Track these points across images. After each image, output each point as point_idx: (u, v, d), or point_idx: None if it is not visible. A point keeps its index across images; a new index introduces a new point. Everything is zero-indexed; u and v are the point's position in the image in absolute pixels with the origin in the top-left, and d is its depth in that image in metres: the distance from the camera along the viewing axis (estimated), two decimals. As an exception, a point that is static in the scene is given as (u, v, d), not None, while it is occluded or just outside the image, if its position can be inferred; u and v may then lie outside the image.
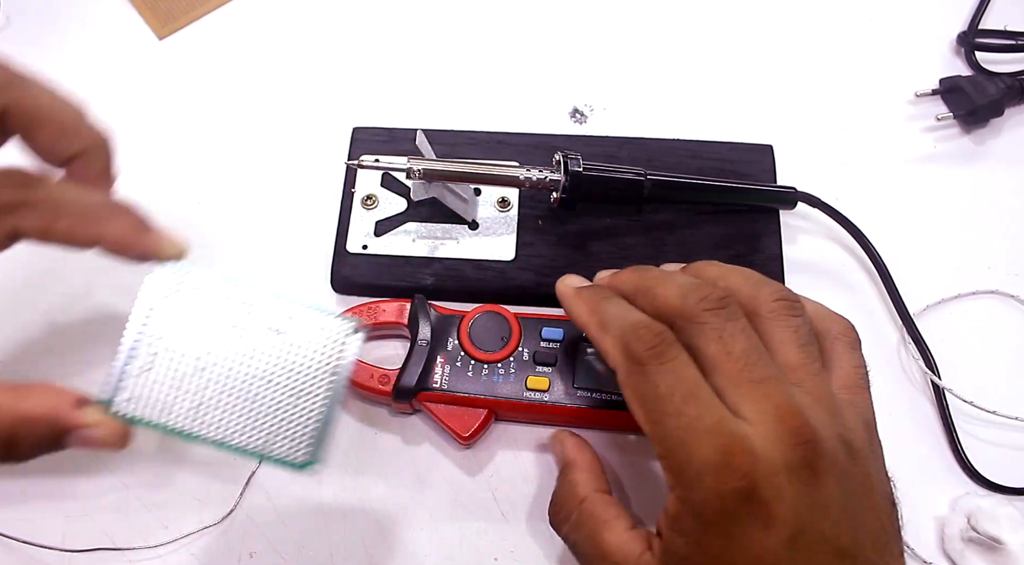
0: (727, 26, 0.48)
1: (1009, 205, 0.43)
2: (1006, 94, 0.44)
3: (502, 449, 0.37)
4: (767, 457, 0.26)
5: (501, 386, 0.36)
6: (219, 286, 0.29)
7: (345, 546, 0.36)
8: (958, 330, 0.40)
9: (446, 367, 0.36)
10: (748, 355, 0.28)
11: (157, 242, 0.29)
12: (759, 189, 0.41)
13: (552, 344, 0.37)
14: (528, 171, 0.38)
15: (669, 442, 0.27)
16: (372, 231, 0.40)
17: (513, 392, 0.36)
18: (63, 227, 0.27)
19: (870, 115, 0.46)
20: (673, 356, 0.28)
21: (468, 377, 0.36)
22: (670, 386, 0.27)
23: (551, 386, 0.36)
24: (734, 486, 0.26)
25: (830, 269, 0.42)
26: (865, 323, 0.40)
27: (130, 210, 0.29)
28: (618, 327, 0.29)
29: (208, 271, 0.29)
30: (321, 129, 0.44)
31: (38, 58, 0.47)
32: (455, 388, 0.36)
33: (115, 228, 0.28)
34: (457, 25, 0.48)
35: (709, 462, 0.26)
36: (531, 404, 0.36)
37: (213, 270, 0.29)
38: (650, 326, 0.28)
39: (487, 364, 0.36)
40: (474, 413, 0.36)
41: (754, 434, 0.26)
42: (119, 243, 0.28)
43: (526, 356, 0.37)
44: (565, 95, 0.46)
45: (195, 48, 0.47)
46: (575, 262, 0.40)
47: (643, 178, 0.38)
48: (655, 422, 0.27)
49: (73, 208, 0.27)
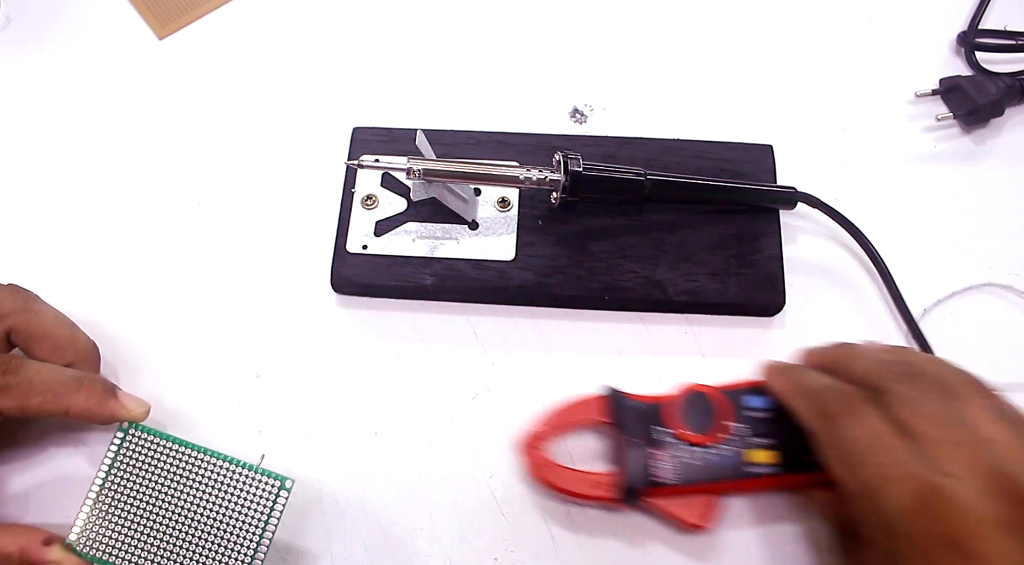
0: (727, 26, 0.48)
1: (1009, 205, 0.43)
2: (1006, 94, 0.44)
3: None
4: (975, 508, 0.26)
5: (723, 466, 0.35)
6: (170, 446, 0.34)
7: (345, 546, 0.36)
8: (958, 329, 0.40)
9: (666, 458, 0.35)
10: (948, 419, 0.28)
11: (118, 409, 0.34)
12: (759, 189, 0.41)
13: (759, 412, 0.36)
14: (528, 171, 0.38)
15: (863, 490, 0.28)
16: (372, 231, 0.40)
17: (735, 469, 0.35)
18: (35, 405, 0.32)
19: (870, 115, 0.46)
20: (865, 411, 0.29)
21: (689, 464, 0.35)
22: (863, 436, 0.29)
23: (776, 458, 0.35)
24: (935, 531, 0.25)
25: (831, 269, 0.42)
26: (866, 323, 0.40)
27: (95, 382, 0.34)
28: (812, 389, 0.32)
29: (161, 433, 0.34)
30: (321, 129, 0.44)
31: (38, 58, 0.48)
32: (681, 478, 0.34)
33: (81, 400, 0.33)
34: (457, 25, 0.48)
35: (905, 508, 0.26)
36: (758, 479, 0.35)
37: (166, 433, 0.34)
38: (841, 386, 0.31)
39: (703, 447, 0.35)
40: (704, 500, 0.35)
41: (957, 485, 0.26)
42: (84, 413, 0.33)
43: (742, 431, 0.35)
44: (565, 95, 0.46)
45: (195, 48, 0.47)
46: (575, 262, 0.40)
47: (643, 178, 0.38)
48: (849, 472, 0.28)
49: (45, 387, 0.32)
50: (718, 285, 0.40)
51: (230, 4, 0.48)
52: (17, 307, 0.34)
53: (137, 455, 0.34)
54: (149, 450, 0.34)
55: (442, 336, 0.40)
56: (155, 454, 0.34)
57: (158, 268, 0.42)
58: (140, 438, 0.34)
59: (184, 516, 0.33)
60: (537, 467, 0.36)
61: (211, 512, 0.33)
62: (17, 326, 0.34)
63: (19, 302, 0.35)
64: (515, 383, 0.39)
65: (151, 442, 0.34)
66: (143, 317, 0.40)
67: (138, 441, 0.34)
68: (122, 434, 0.34)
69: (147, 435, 0.34)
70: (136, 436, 0.34)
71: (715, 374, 0.39)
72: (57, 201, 0.43)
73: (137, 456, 0.34)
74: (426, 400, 0.39)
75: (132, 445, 0.34)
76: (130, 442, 0.34)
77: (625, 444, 0.35)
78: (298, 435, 0.38)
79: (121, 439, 0.34)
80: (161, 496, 0.33)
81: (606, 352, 0.40)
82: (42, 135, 0.45)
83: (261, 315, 0.40)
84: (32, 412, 0.32)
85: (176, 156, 0.44)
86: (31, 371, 0.33)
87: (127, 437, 0.34)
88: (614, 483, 0.35)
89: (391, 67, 0.47)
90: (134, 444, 0.34)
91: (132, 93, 0.46)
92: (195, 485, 0.34)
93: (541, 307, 0.41)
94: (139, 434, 0.34)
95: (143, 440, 0.34)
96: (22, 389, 0.32)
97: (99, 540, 0.33)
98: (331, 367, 0.39)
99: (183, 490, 0.34)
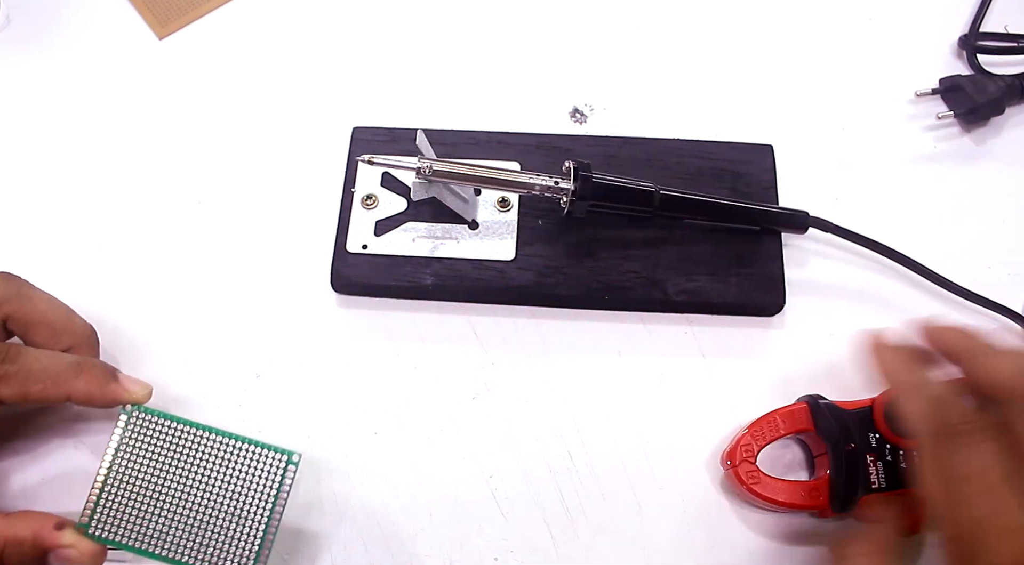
0: (727, 26, 0.48)
1: (1009, 205, 0.43)
2: (1006, 92, 0.44)
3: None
4: None
5: None
6: (174, 426, 0.34)
7: (345, 546, 0.36)
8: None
9: (878, 464, 0.35)
10: None
11: (119, 392, 0.34)
12: (771, 212, 0.40)
13: None
14: (539, 177, 0.38)
15: (961, 529, 0.25)
16: (372, 231, 0.40)
17: None
18: (36, 392, 0.32)
19: (870, 115, 0.46)
20: (988, 439, 0.26)
21: (903, 469, 0.35)
22: (977, 469, 0.26)
23: None
24: None
25: (830, 269, 0.42)
26: (867, 323, 0.40)
27: (94, 366, 0.34)
28: (932, 392, 0.28)
29: (165, 414, 0.34)
30: (321, 129, 0.44)
31: (38, 58, 0.48)
32: (895, 484, 0.34)
33: (82, 385, 0.33)
34: (457, 25, 0.48)
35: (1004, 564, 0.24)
36: None
37: (169, 413, 0.34)
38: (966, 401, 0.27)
39: (915, 450, 0.34)
40: (917, 504, 0.34)
41: None
42: (86, 398, 0.33)
43: None
44: (565, 95, 0.46)
45: (195, 48, 0.47)
46: (575, 262, 0.40)
47: (654, 191, 0.38)
48: (952, 503, 0.26)
49: (44, 374, 0.32)
50: (718, 285, 0.40)
51: (230, 4, 0.48)
52: (11, 294, 0.34)
53: (142, 437, 0.34)
54: (154, 431, 0.34)
55: (442, 336, 0.40)
56: (160, 435, 0.34)
57: (158, 268, 0.42)
58: (144, 419, 0.34)
59: (193, 495, 0.33)
60: (748, 478, 0.35)
61: (219, 490, 0.33)
62: (13, 313, 0.34)
63: (12, 289, 0.34)
64: (515, 383, 0.39)
65: (155, 423, 0.34)
66: (143, 317, 0.40)
67: (142, 423, 0.34)
68: (126, 416, 0.34)
69: (151, 416, 0.34)
70: (140, 418, 0.34)
71: (715, 374, 0.39)
72: (57, 201, 0.43)
73: (142, 438, 0.34)
74: (426, 400, 0.39)
75: (136, 427, 0.34)
76: (134, 424, 0.34)
77: (837, 451, 0.35)
78: (298, 435, 0.38)
79: (125, 421, 0.34)
80: (169, 476, 0.33)
81: (606, 352, 0.40)
82: (42, 135, 0.45)
83: (261, 315, 0.40)
84: (33, 399, 0.32)
85: (176, 156, 0.44)
86: (30, 358, 0.32)
87: (131, 419, 0.34)
88: (826, 491, 0.35)
89: (391, 67, 0.47)
90: (138, 426, 0.34)
91: (132, 93, 0.46)
92: (202, 464, 0.34)
93: (541, 307, 0.41)
94: (143, 415, 0.34)
95: (147, 421, 0.34)
96: (22, 377, 0.32)
97: (110, 522, 0.33)
98: (331, 367, 0.39)
99: (190, 469, 0.34)
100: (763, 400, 0.38)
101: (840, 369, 0.39)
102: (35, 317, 0.34)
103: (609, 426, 0.38)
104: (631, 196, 0.38)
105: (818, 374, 0.39)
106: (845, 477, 0.35)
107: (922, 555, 0.36)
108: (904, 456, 0.35)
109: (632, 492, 0.37)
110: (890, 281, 0.41)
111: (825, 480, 0.35)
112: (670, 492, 0.37)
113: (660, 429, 0.38)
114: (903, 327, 0.33)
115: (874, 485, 0.35)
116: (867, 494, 0.34)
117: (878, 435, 0.35)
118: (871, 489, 0.34)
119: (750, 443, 0.36)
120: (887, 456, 0.35)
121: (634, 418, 0.39)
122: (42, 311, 0.35)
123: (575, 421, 0.38)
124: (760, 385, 0.39)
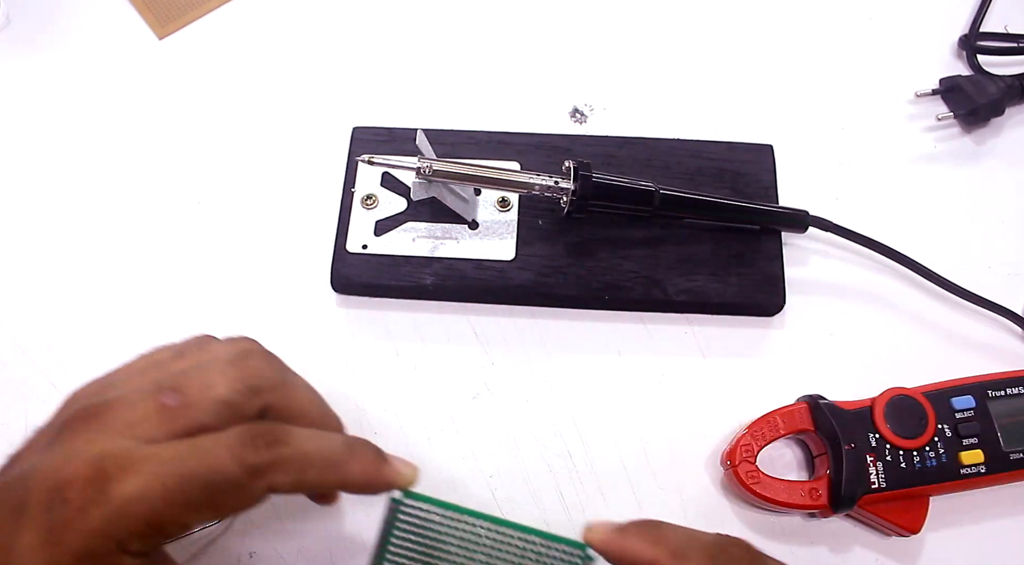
0: (727, 26, 0.48)
1: (1009, 205, 0.43)
2: (1007, 93, 0.44)
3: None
4: None
5: (934, 469, 0.35)
6: (448, 512, 0.29)
7: (345, 546, 0.36)
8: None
9: (878, 464, 0.35)
10: None
11: (394, 474, 0.29)
12: (771, 211, 0.40)
13: (967, 412, 0.36)
14: (540, 177, 0.38)
15: None
16: (372, 231, 0.40)
17: (948, 472, 0.35)
18: (312, 478, 0.27)
19: (870, 115, 0.46)
20: None
21: (902, 469, 0.35)
22: None
23: (985, 457, 0.35)
24: None
25: (830, 269, 0.42)
26: (867, 323, 0.40)
27: (366, 447, 0.29)
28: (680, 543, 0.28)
29: (438, 501, 0.30)
30: (321, 129, 0.44)
31: (38, 58, 0.48)
32: (895, 484, 0.35)
33: (357, 469, 0.28)
34: (457, 25, 0.48)
35: None
36: (970, 480, 0.35)
37: (441, 500, 0.30)
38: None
39: (915, 451, 0.35)
40: (917, 504, 0.35)
41: None
42: (361, 483, 0.29)
43: (948, 432, 0.36)
44: (565, 95, 0.46)
45: (195, 48, 0.47)
46: (575, 262, 0.40)
47: (654, 191, 0.38)
48: None
49: (317, 458, 0.28)
50: (718, 285, 0.40)
51: (230, 4, 0.48)
52: (276, 382, 0.29)
53: (415, 528, 0.29)
54: (426, 521, 0.29)
55: (442, 336, 0.40)
56: (433, 525, 0.29)
57: (158, 268, 0.42)
58: (415, 508, 0.29)
59: None
60: (748, 478, 0.35)
61: None
62: (274, 404, 0.29)
63: (276, 375, 0.30)
64: (515, 383, 0.39)
65: (427, 511, 0.29)
66: (143, 317, 0.40)
67: (414, 512, 0.29)
68: (395, 504, 0.29)
69: (423, 504, 0.29)
70: (411, 506, 0.29)
71: (715, 374, 0.39)
72: (57, 201, 0.43)
73: (415, 529, 0.29)
74: (426, 400, 0.39)
75: (408, 517, 0.29)
76: (407, 514, 0.29)
77: (837, 451, 0.35)
78: (298, 435, 0.38)
79: (394, 510, 0.29)
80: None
81: (606, 352, 0.40)
82: (42, 135, 0.45)
83: (261, 315, 0.40)
84: (308, 487, 0.28)
85: (176, 156, 0.44)
86: (301, 438, 0.27)
87: (402, 507, 0.29)
88: (826, 491, 0.35)
89: (391, 67, 0.47)
90: (410, 516, 0.29)
91: (132, 93, 0.46)
92: (479, 560, 0.29)
93: (541, 307, 0.41)
94: (414, 503, 0.29)
95: (419, 510, 0.29)
96: (297, 462, 0.27)
97: None
98: (331, 367, 0.39)
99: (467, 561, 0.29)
100: (763, 400, 0.38)
101: (840, 369, 0.39)
102: (294, 409, 0.29)
103: (609, 426, 0.38)
104: (631, 196, 0.38)
105: (818, 374, 0.39)
106: (845, 477, 0.35)
107: (922, 555, 0.36)
108: (904, 456, 0.35)
109: (632, 492, 0.37)
110: (890, 281, 0.41)
111: (825, 480, 0.35)
112: (670, 492, 0.37)
113: (660, 429, 0.38)
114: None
115: (874, 485, 0.35)
116: (867, 494, 0.35)
117: (878, 435, 0.35)
118: (871, 489, 0.35)
119: (750, 443, 0.36)
120: (887, 456, 0.35)
121: (634, 418, 0.39)
122: (302, 402, 0.30)
123: (575, 421, 0.38)
124: (760, 385, 0.39)
